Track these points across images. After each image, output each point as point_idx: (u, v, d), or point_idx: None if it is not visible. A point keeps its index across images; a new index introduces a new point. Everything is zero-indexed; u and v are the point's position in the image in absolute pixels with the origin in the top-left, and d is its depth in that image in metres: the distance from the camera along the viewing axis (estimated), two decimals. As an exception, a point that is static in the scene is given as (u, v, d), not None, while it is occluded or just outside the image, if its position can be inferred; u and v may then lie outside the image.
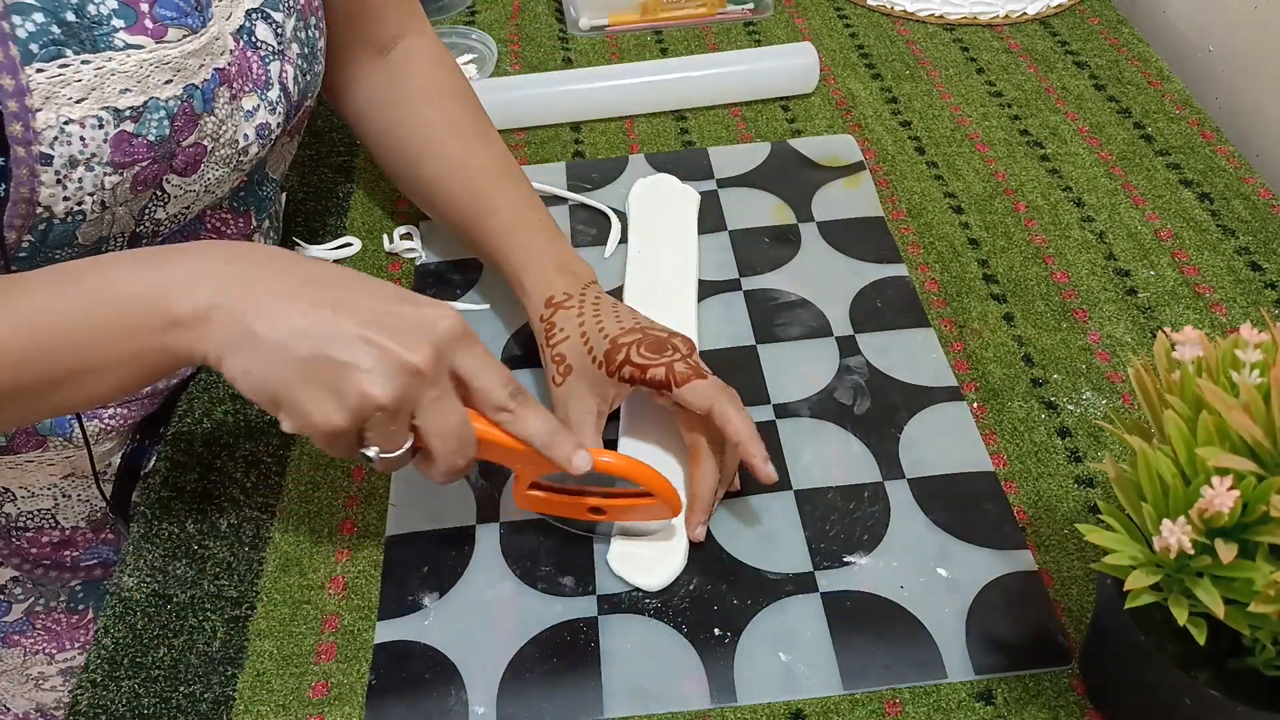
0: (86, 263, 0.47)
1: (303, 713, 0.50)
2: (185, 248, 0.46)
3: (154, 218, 0.55)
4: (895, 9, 0.94)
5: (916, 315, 0.66)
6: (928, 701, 0.49)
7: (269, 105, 0.58)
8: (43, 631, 0.71)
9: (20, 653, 0.71)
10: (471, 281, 0.71)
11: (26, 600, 0.69)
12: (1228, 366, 0.40)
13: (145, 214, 0.54)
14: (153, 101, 0.50)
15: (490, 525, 0.57)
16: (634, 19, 0.95)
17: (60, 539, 0.68)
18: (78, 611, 0.71)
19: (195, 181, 0.55)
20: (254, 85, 0.57)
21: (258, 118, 0.57)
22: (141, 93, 0.49)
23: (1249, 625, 0.38)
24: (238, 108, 0.55)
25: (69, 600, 0.71)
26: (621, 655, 0.51)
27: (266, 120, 0.58)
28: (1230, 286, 0.67)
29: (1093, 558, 0.53)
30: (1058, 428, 0.60)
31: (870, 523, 0.55)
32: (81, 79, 0.47)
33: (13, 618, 0.69)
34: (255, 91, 0.57)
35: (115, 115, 0.49)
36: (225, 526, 0.58)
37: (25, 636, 0.70)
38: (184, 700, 0.51)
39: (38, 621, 0.70)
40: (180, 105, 0.51)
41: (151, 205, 0.54)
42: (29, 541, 0.67)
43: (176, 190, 0.55)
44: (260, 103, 0.57)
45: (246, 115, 0.56)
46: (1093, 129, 0.81)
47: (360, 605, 0.54)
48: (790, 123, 0.83)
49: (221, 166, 0.56)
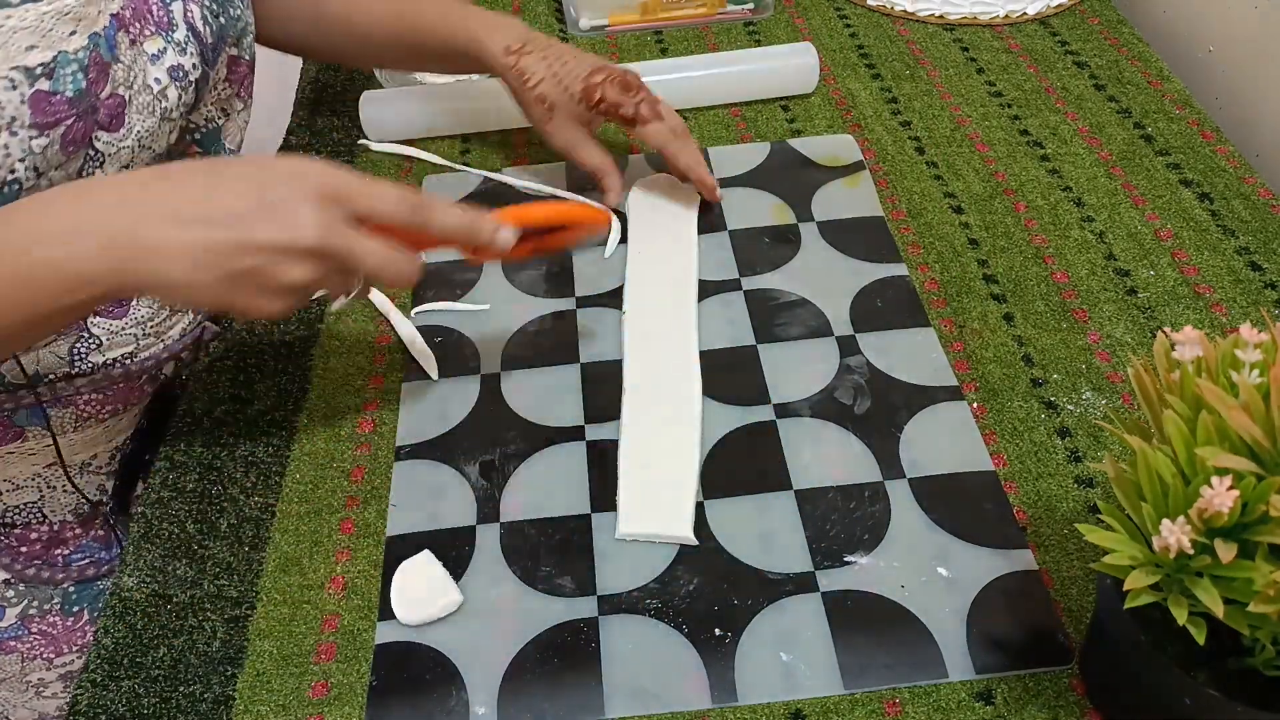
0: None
1: (302, 713, 0.50)
2: (65, 193, 0.47)
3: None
4: (895, 9, 0.94)
5: (917, 315, 0.66)
6: (927, 701, 0.49)
7: (177, 46, 0.58)
8: (39, 636, 0.70)
9: (18, 659, 0.70)
10: (471, 282, 0.71)
11: (20, 604, 0.69)
12: (1227, 366, 0.40)
13: (83, 177, 0.54)
14: (62, 55, 0.50)
15: (490, 525, 0.57)
16: (634, 19, 0.95)
17: (49, 535, 0.68)
18: (72, 614, 0.71)
19: (125, 136, 0.55)
20: (156, 27, 0.57)
21: (166, 59, 0.57)
22: (48, 47, 0.49)
23: (1248, 625, 0.38)
24: (140, 52, 0.56)
25: (63, 603, 0.71)
26: (622, 655, 0.51)
27: (178, 62, 0.58)
28: (1230, 286, 0.67)
29: (1092, 557, 0.53)
30: (1057, 427, 0.60)
31: (871, 522, 0.55)
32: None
33: (7, 623, 0.69)
34: (159, 34, 0.57)
35: (27, 75, 0.48)
36: (225, 526, 0.58)
37: (21, 642, 0.70)
38: (184, 700, 0.51)
39: (33, 625, 0.70)
40: (90, 55, 0.51)
41: (88, 166, 0.54)
42: (18, 539, 0.67)
43: (108, 148, 0.54)
44: (166, 45, 0.57)
45: (153, 58, 0.56)
46: (1093, 129, 0.81)
47: (360, 605, 0.54)
48: (790, 123, 0.84)
49: (147, 115, 0.56)
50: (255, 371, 0.66)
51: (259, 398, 0.65)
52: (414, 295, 0.70)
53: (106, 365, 0.63)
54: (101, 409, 0.64)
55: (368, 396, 0.65)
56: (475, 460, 0.60)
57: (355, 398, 0.65)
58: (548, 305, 0.69)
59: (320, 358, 0.67)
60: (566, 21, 0.96)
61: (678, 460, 0.58)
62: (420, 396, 0.64)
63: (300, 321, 0.69)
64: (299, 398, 0.65)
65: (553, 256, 0.70)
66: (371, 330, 0.69)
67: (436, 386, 0.64)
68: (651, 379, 0.63)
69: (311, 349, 0.68)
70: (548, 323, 0.68)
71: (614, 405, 0.62)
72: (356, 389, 0.65)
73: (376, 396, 0.65)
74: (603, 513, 0.57)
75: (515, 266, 0.72)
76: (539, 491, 0.58)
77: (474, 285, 0.71)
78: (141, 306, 0.63)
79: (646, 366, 0.63)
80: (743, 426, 0.61)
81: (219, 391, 0.65)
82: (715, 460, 0.59)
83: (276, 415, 0.64)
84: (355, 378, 0.66)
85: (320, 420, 0.63)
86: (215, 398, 0.65)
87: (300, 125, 0.86)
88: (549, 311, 0.69)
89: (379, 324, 0.69)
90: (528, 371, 0.65)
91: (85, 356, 0.61)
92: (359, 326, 0.69)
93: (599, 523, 0.56)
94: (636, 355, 0.64)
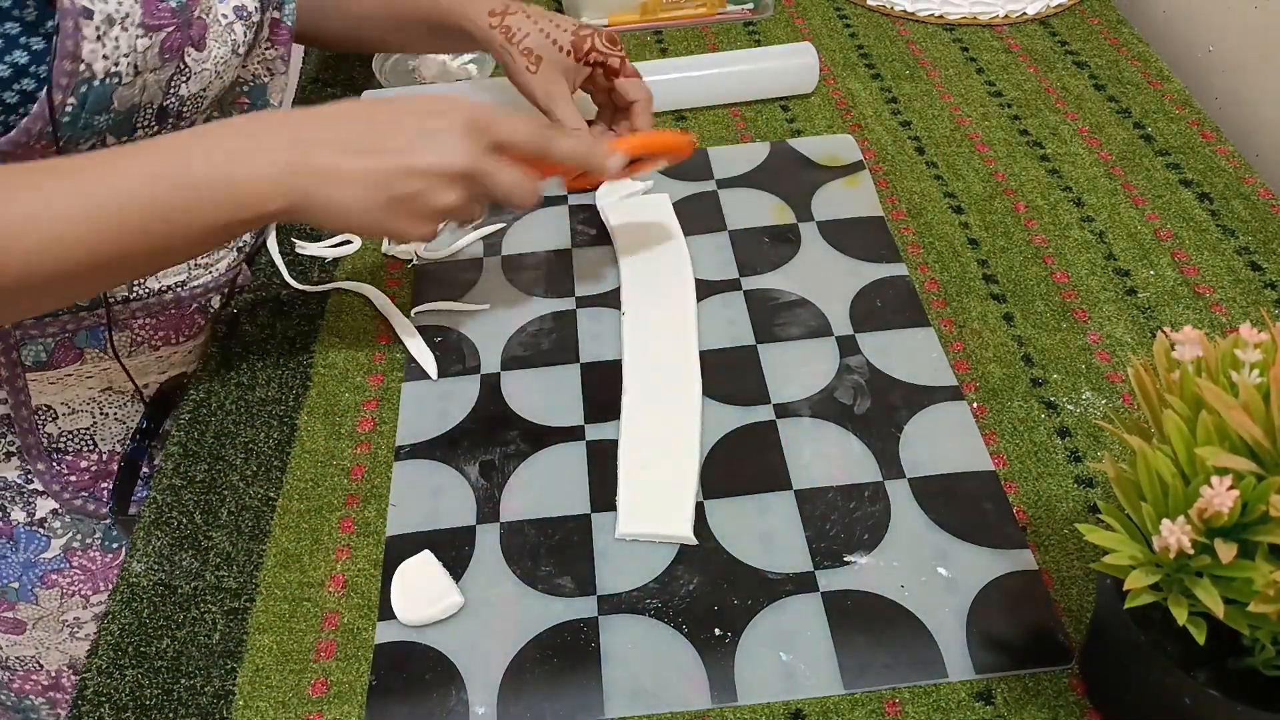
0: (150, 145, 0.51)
1: (302, 710, 0.50)
2: (241, 125, 0.53)
3: (178, 94, 0.59)
4: (895, 9, 0.94)
5: (917, 314, 0.66)
6: (927, 701, 0.49)
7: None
8: (79, 570, 0.71)
9: (57, 594, 0.72)
10: (471, 282, 0.71)
11: (65, 535, 0.70)
12: (1227, 366, 0.40)
13: (171, 88, 0.58)
14: None
15: (490, 525, 0.57)
16: (634, 19, 0.95)
17: (98, 467, 0.69)
18: (112, 550, 0.72)
19: (207, 59, 0.60)
20: None
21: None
22: None
23: (1248, 625, 0.38)
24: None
25: (104, 538, 0.72)
26: (622, 655, 0.51)
27: (242, 2, 0.62)
28: (1230, 286, 0.67)
29: (1092, 557, 0.53)
30: (1057, 427, 0.60)
31: (870, 522, 0.55)
32: None
33: (51, 554, 0.70)
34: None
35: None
36: (226, 515, 0.58)
37: (62, 575, 0.71)
38: (185, 693, 0.51)
39: (74, 559, 0.71)
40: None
41: (176, 79, 0.58)
42: (69, 467, 0.68)
43: (195, 65, 0.59)
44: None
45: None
46: (1092, 129, 0.81)
47: (360, 604, 0.54)
48: (790, 123, 0.84)
49: (221, 45, 0.61)
50: (258, 362, 0.67)
51: (260, 386, 0.65)
52: (414, 295, 0.70)
53: (161, 291, 0.66)
54: (154, 334, 0.67)
55: (368, 395, 0.65)
56: (475, 460, 0.60)
57: (355, 396, 0.65)
58: (548, 305, 0.69)
59: (321, 354, 0.67)
60: (566, 21, 0.96)
61: (678, 460, 0.58)
62: (420, 396, 0.64)
63: (301, 317, 0.69)
64: (299, 393, 0.65)
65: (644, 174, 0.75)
66: (371, 330, 0.69)
67: (436, 386, 0.64)
68: (651, 379, 0.63)
69: (312, 345, 0.68)
70: (548, 323, 0.68)
71: (614, 405, 0.62)
72: (356, 387, 0.65)
73: (376, 395, 0.65)
74: (603, 512, 0.57)
75: (515, 267, 0.72)
76: (539, 491, 0.58)
77: (474, 285, 0.71)
78: None
79: (646, 366, 0.63)
80: (743, 426, 0.61)
81: (225, 380, 0.65)
82: (715, 460, 0.59)
83: (277, 407, 0.64)
84: (355, 375, 0.66)
85: (320, 418, 0.63)
86: (221, 386, 0.65)
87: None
88: (549, 311, 0.69)
89: (379, 324, 0.69)
90: (528, 371, 0.65)
91: (144, 282, 0.65)
92: (359, 325, 0.69)
93: (599, 523, 0.56)
94: (636, 355, 0.64)
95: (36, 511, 0.69)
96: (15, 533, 0.69)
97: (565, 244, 0.74)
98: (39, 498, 0.68)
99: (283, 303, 0.71)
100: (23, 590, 0.71)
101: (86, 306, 0.63)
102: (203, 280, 0.69)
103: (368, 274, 0.72)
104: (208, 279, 0.69)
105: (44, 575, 0.71)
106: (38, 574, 0.70)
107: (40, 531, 0.70)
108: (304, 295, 0.71)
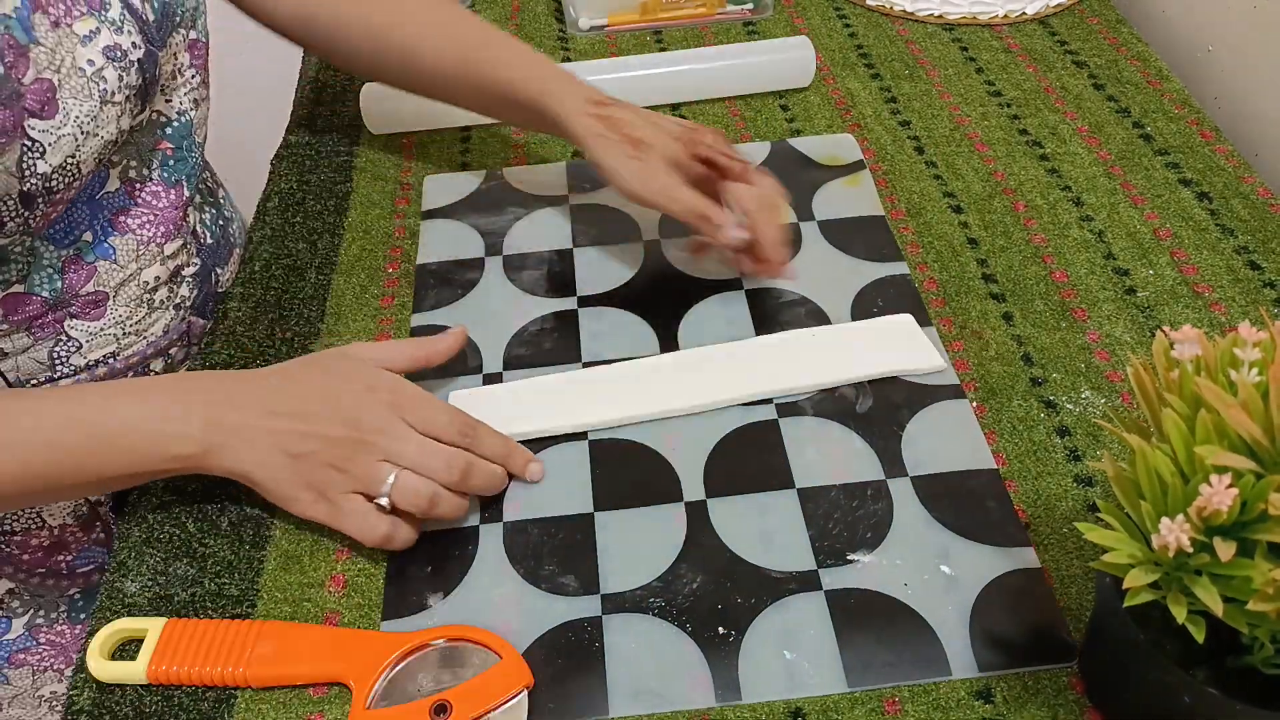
0: (82, 391, 0.53)
1: (303, 710, 0.50)
2: (164, 383, 0.54)
3: (38, 172, 0.53)
4: (894, 9, 0.95)
5: (918, 313, 0.66)
6: (927, 700, 0.49)
7: (112, 25, 0.56)
8: (47, 646, 0.70)
9: (29, 672, 0.70)
10: (473, 282, 0.71)
11: (26, 613, 0.69)
12: (1226, 365, 0.40)
13: (25, 169, 0.53)
14: None
15: (494, 525, 0.57)
16: (633, 19, 0.95)
17: (50, 541, 0.67)
18: (80, 622, 0.71)
19: (63, 122, 0.53)
20: (88, 7, 0.55)
21: (100, 39, 0.55)
22: None
23: (1247, 623, 0.38)
24: (68, 33, 0.53)
25: (69, 610, 0.70)
26: (626, 655, 0.51)
27: (114, 41, 0.55)
28: (1229, 285, 0.68)
29: (1092, 556, 0.53)
30: (1057, 427, 0.60)
31: (873, 520, 0.56)
32: None
33: (14, 634, 0.69)
34: (90, 14, 0.55)
35: None
36: (226, 525, 0.58)
37: (30, 654, 0.69)
38: (185, 698, 0.51)
39: (40, 636, 0.70)
40: (4, 39, 0.50)
41: (27, 158, 0.52)
42: (18, 547, 0.66)
43: (46, 136, 0.53)
44: (100, 24, 0.55)
45: (84, 40, 0.54)
46: (1092, 128, 0.81)
47: (361, 604, 0.54)
48: (790, 122, 0.84)
49: (84, 99, 0.54)
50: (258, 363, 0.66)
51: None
52: (415, 297, 0.71)
53: (89, 366, 0.63)
54: None
55: (370, 396, 0.65)
56: (477, 460, 0.60)
57: (357, 397, 0.65)
58: (548, 305, 0.69)
59: (322, 357, 0.67)
60: (566, 21, 0.96)
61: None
62: (422, 396, 0.64)
63: (300, 318, 0.69)
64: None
65: None
66: (372, 329, 0.69)
67: (437, 386, 0.65)
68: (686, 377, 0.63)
69: (311, 346, 0.68)
70: (548, 323, 0.68)
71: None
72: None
73: (378, 396, 0.65)
74: (605, 511, 0.57)
75: (517, 266, 0.72)
76: (541, 491, 0.58)
77: (475, 285, 0.71)
78: (119, 305, 0.63)
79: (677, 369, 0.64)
80: (745, 425, 0.61)
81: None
82: (717, 459, 0.59)
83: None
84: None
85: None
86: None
87: (300, 124, 0.86)
88: (549, 311, 0.69)
89: (380, 323, 0.69)
90: (528, 371, 0.65)
91: (66, 360, 0.62)
92: (359, 326, 0.69)
93: (601, 521, 0.57)
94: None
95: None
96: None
97: (567, 244, 0.74)
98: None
99: (281, 305, 0.71)
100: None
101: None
102: (136, 348, 0.65)
103: (366, 273, 0.72)
104: (141, 345, 0.66)
105: (10, 656, 0.69)
106: (3, 655, 0.69)
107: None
108: (301, 297, 0.71)
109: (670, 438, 0.60)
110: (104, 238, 0.61)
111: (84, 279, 0.60)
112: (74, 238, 0.59)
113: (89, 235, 0.60)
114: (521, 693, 0.48)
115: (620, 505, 0.57)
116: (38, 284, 0.58)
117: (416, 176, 0.81)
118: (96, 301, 0.61)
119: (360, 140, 0.84)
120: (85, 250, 0.60)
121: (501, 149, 0.83)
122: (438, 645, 0.51)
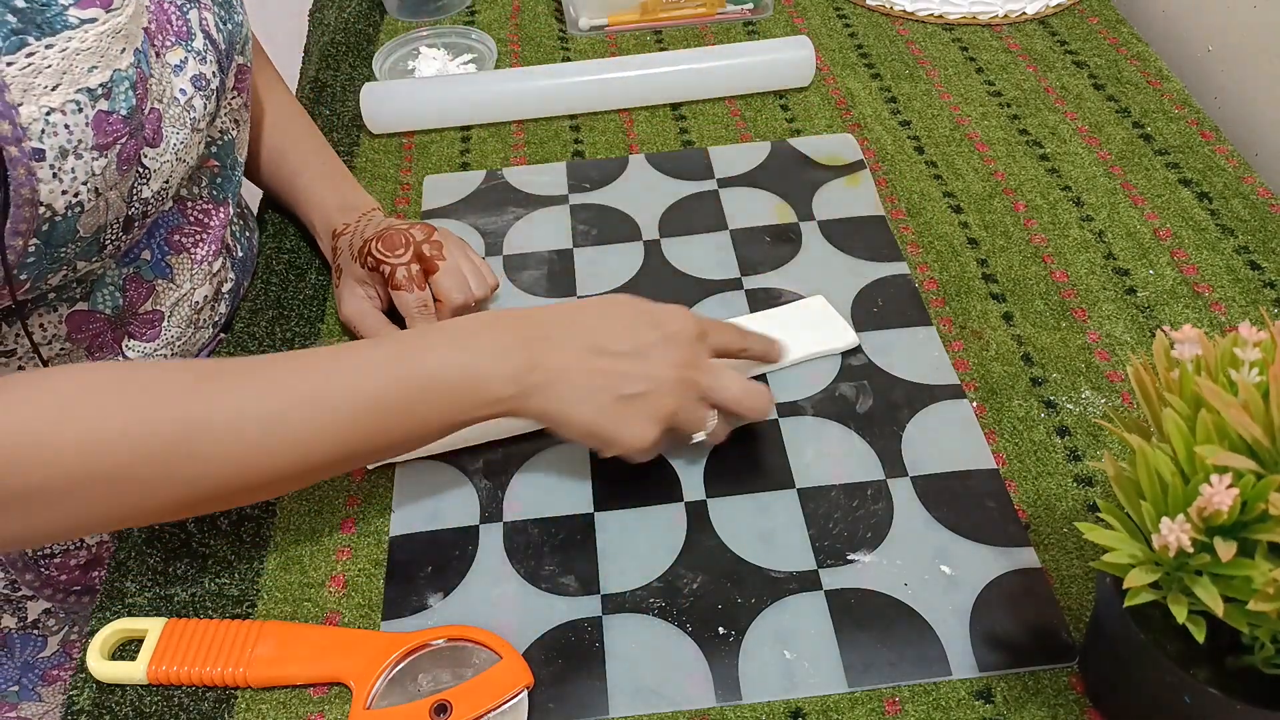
0: (387, 346, 0.51)
1: (303, 710, 0.50)
2: (472, 324, 0.53)
3: (141, 197, 0.55)
4: (894, 9, 0.95)
5: (918, 313, 0.66)
6: (927, 700, 0.49)
7: (197, 55, 0.58)
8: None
9: (61, 688, 0.69)
10: (473, 281, 0.71)
11: (60, 631, 0.68)
12: (1226, 365, 0.40)
13: (133, 195, 0.55)
14: (116, 74, 0.50)
15: (494, 525, 0.57)
16: (633, 19, 0.95)
17: (88, 558, 0.67)
18: None
19: (165, 150, 0.56)
20: (176, 37, 0.57)
21: (188, 69, 0.57)
22: (106, 67, 0.49)
23: (1248, 623, 0.38)
24: (165, 64, 0.55)
25: None
26: (626, 654, 0.51)
27: (199, 71, 0.58)
28: (1229, 285, 0.68)
29: (1092, 556, 0.53)
30: (1057, 426, 0.60)
31: (873, 520, 0.56)
32: (51, 65, 0.46)
33: (49, 651, 0.68)
34: (180, 44, 0.57)
35: (90, 96, 0.48)
36: (226, 525, 0.58)
37: (64, 670, 0.69)
38: (185, 698, 0.51)
39: (74, 651, 0.69)
40: (136, 72, 0.51)
41: (137, 184, 0.55)
42: (57, 568, 0.66)
43: (154, 163, 0.55)
44: (187, 54, 0.57)
45: (175, 69, 0.56)
46: (1092, 128, 0.81)
47: (361, 604, 0.54)
48: (790, 122, 0.84)
49: (180, 129, 0.56)
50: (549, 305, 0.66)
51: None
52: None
53: None
54: None
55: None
56: (478, 459, 0.60)
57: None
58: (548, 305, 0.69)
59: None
60: (566, 21, 0.96)
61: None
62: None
63: (300, 318, 0.69)
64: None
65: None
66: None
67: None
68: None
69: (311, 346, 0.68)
70: (549, 322, 0.68)
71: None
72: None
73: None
74: (605, 511, 0.57)
75: (517, 266, 0.72)
76: (542, 491, 0.58)
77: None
78: (173, 326, 0.64)
79: None
80: (745, 425, 0.61)
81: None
82: (717, 459, 0.59)
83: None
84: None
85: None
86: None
87: (301, 125, 0.86)
88: (550, 311, 0.69)
89: (381, 324, 0.69)
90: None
91: None
92: (361, 326, 0.69)
93: (601, 521, 0.57)
94: None
95: (29, 615, 0.67)
96: (8, 639, 0.67)
97: (567, 244, 0.74)
98: (29, 602, 0.66)
99: (281, 305, 0.71)
100: (24, 691, 0.69)
101: None
102: None
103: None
104: None
105: (44, 673, 0.69)
106: (37, 674, 0.69)
107: (34, 633, 0.68)
108: (301, 297, 0.71)
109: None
110: (161, 256, 0.62)
111: (143, 297, 0.61)
112: (134, 255, 0.60)
113: (147, 254, 0.61)
114: (521, 693, 0.48)
115: (620, 505, 0.57)
116: (100, 301, 0.59)
117: (416, 176, 0.81)
118: (152, 321, 0.62)
119: (360, 140, 0.84)
120: (144, 269, 0.61)
121: (501, 149, 0.83)
122: (438, 645, 0.51)
